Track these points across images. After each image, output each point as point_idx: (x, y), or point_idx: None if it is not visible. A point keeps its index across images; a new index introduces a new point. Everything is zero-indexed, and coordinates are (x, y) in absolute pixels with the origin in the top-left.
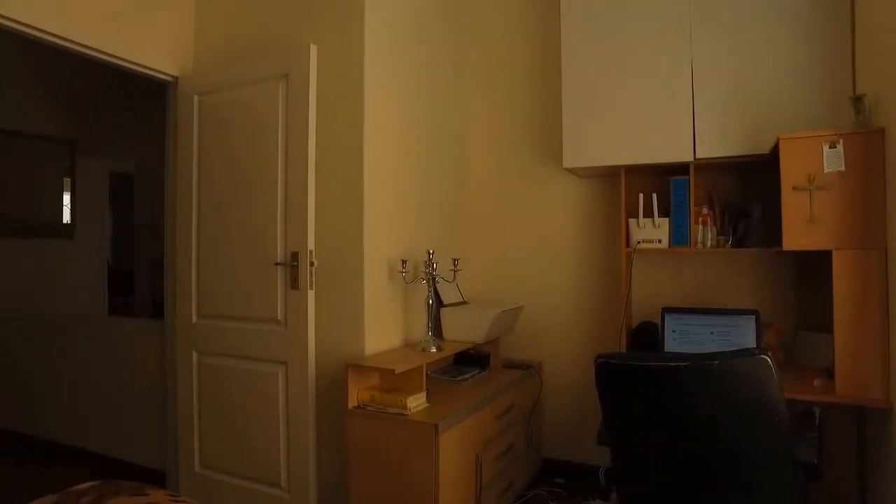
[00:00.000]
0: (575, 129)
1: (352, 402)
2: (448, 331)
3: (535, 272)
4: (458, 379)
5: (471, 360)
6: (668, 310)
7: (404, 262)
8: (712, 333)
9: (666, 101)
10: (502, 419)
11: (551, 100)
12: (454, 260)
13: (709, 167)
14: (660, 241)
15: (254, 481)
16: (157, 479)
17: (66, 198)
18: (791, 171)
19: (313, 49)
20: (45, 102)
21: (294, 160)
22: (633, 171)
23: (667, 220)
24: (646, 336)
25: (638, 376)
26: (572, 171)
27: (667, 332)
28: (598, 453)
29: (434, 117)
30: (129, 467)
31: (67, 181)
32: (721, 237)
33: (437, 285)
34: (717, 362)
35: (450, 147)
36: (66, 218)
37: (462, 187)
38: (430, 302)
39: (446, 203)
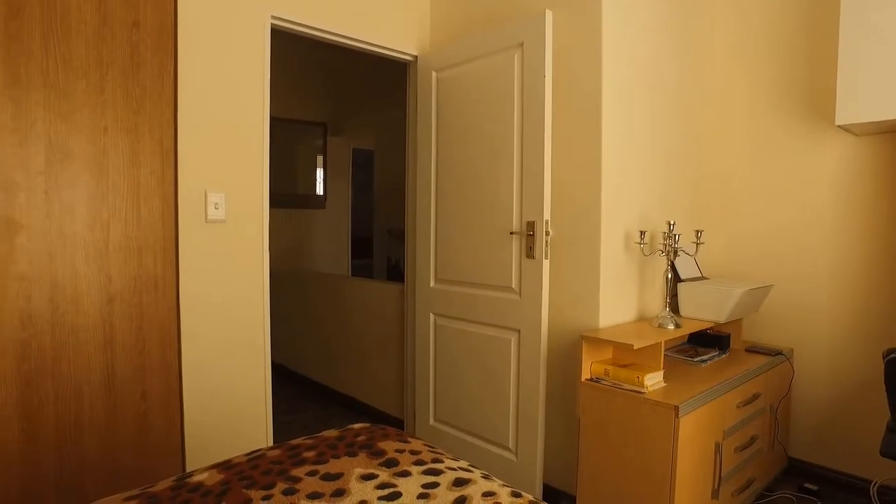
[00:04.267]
0: (856, 77)
1: (585, 375)
2: (685, 308)
3: (788, 247)
4: (695, 360)
5: (708, 340)
6: None
7: (642, 233)
8: None
9: None
10: (745, 408)
11: (820, 43)
12: (697, 232)
13: None
14: None
15: (482, 440)
16: (395, 426)
17: (319, 173)
18: None
19: (549, 15)
20: (305, 92)
21: (530, 129)
22: None
23: None
24: None
25: None
26: (847, 128)
27: None
28: (869, 464)
29: (672, 77)
30: (372, 411)
31: (320, 158)
32: None
33: (675, 259)
34: None
35: (689, 110)
36: (320, 190)
37: (702, 153)
38: (669, 276)
39: (684, 171)
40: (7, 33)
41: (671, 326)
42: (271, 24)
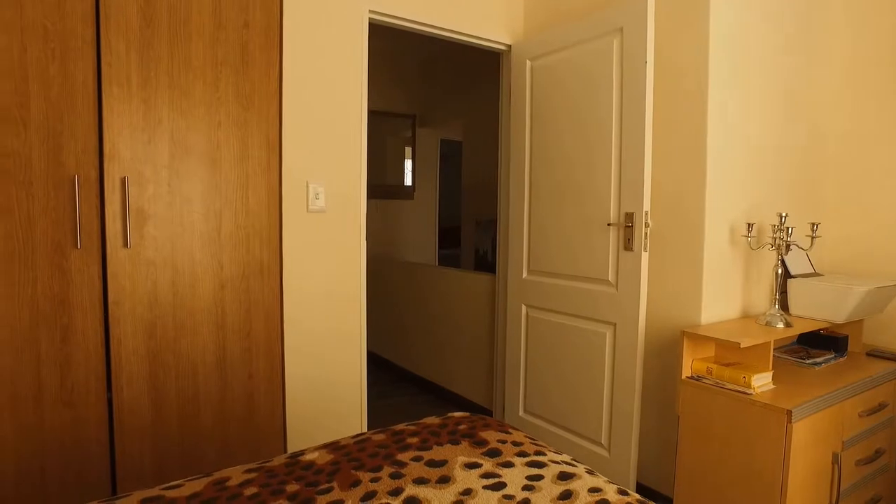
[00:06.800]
0: None
1: (685, 373)
2: (796, 306)
3: None
4: (807, 362)
5: (821, 341)
6: None
7: (750, 225)
8: None
9: None
10: (869, 418)
11: None
12: (813, 224)
13: None
14: None
15: (574, 434)
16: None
17: (408, 164)
18: None
19: None
20: (395, 84)
21: (629, 118)
22: None
23: None
24: None
25: None
26: None
27: None
28: None
29: (785, 60)
30: (460, 400)
31: (409, 150)
32: None
33: (786, 253)
34: None
35: (806, 93)
36: (408, 181)
37: (817, 139)
38: (779, 271)
39: (797, 159)
40: (142, 41)
41: (780, 325)
42: (369, 18)
